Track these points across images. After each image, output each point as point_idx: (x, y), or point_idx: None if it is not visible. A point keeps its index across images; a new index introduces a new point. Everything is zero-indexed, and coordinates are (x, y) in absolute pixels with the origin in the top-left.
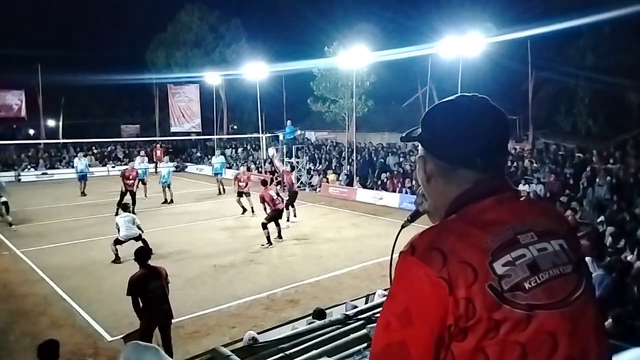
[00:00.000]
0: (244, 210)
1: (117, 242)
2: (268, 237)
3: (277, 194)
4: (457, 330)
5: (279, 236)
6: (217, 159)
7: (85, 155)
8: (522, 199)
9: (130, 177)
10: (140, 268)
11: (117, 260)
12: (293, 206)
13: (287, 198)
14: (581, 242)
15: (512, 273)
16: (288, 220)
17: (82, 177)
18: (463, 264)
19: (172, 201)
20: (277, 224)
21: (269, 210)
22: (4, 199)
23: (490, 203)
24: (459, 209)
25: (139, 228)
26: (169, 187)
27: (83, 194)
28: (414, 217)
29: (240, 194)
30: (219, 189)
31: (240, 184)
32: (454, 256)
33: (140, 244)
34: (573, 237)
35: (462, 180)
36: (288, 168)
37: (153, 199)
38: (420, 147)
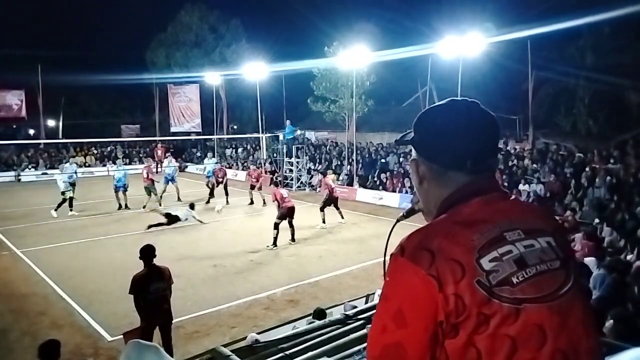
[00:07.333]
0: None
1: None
2: (275, 239)
3: (287, 193)
4: (449, 327)
5: (292, 239)
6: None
7: None
8: (510, 199)
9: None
10: (144, 267)
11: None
12: (338, 208)
13: (326, 200)
14: (586, 242)
15: (499, 268)
16: (324, 222)
17: None
18: (450, 261)
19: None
20: (291, 225)
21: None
22: (70, 194)
23: (477, 203)
24: (447, 210)
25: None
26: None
27: None
28: (409, 213)
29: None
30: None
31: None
32: (441, 254)
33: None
34: (561, 235)
35: (453, 183)
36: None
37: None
38: (413, 150)
